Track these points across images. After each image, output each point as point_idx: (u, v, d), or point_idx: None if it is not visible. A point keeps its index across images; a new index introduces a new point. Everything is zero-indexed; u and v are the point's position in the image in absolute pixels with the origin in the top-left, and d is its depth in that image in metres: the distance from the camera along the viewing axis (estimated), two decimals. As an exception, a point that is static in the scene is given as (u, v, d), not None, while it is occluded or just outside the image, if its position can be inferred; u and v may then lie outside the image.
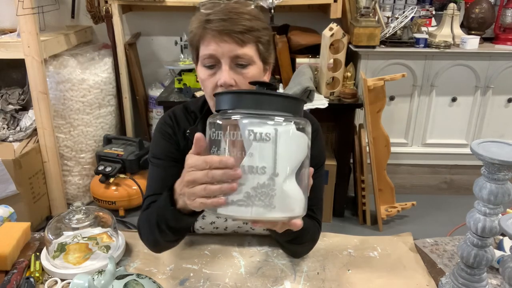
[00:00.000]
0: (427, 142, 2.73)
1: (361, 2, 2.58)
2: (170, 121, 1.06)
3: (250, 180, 0.63)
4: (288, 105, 0.66)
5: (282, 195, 0.64)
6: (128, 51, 2.73)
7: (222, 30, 0.88)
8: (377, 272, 1.01)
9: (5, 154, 2.29)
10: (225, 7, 0.91)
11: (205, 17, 0.90)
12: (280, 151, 0.63)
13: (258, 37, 0.92)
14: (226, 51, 0.89)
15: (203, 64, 0.93)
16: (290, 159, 0.65)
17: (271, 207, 0.63)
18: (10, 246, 1.02)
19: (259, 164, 0.63)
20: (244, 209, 0.63)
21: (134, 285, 0.79)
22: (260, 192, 0.63)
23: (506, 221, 0.74)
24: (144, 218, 0.99)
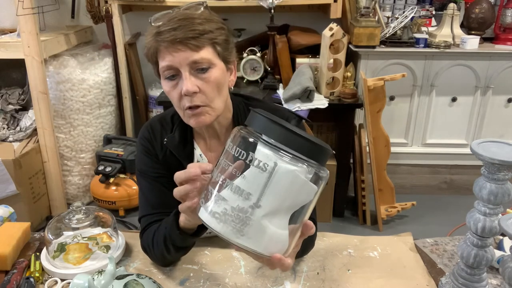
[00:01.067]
0: (427, 142, 2.73)
1: (361, 2, 2.58)
2: (147, 134, 1.06)
3: (232, 200, 0.62)
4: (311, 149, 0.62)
5: (257, 228, 0.62)
6: (128, 51, 2.73)
7: (173, 39, 0.86)
8: (377, 272, 1.01)
9: (5, 154, 2.29)
10: (175, 15, 0.89)
11: (155, 30, 0.89)
12: (272, 186, 0.61)
13: (213, 38, 0.90)
14: (183, 59, 0.88)
15: (164, 77, 0.92)
16: (281, 198, 0.62)
17: (240, 234, 0.62)
18: (10, 246, 1.02)
19: (247, 189, 0.62)
20: (217, 223, 0.63)
21: (134, 285, 0.79)
22: (235, 215, 0.62)
23: (506, 221, 0.74)
24: (149, 240, 1.00)
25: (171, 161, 1.03)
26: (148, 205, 1.04)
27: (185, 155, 1.04)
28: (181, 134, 1.03)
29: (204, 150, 1.07)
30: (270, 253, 0.65)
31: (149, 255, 1.03)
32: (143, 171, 1.06)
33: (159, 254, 0.99)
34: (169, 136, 1.03)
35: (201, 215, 0.67)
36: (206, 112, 0.92)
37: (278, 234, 0.64)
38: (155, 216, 1.02)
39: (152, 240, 0.98)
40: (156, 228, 0.98)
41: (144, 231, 1.03)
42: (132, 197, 2.59)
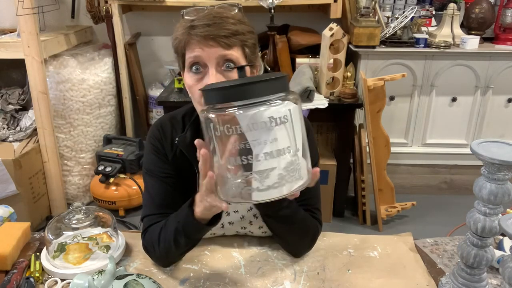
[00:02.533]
0: (427, 142, 2.73)
1: (361, 2, 2.58)
2: (157, 134, 1.06)
3: (280, 163, 0.66)
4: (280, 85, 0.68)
5: (303, 165, 0.69)
6: (128, 51, 2.73)
7: (207, 35, 0.87)
8: (377, 272, 1.01)
9: (5, 154, 2.29)
10: (209, 12, 0.90)
11: (189, 23, 0.90)
12: (295, 127, 0.68)
13: (244, 40, 0.92)
14: (212, 54, 0.88)
15: (190, 69, 0.92)
16: (301, 131, 0.69)
17: (299, 179, 0.68)
18: (10, 246, 1.02)
19: (284, 145, 0.66)
20: (279, 190, 0.67)
21: (134, 285, 0.79)
22: (291, 170, 0.67)
23: (506, 221, 0.74)
24: (154, 238, 1.00)
25: (180, 161, 1.03)
26: (153, 205, 1.04)
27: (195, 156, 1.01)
28: (193, 134, 1.02)
29: None
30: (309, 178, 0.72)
31: (151, 254, 1.03)
32: (151, 170, 1.05)
33: (164, 250, 0.98)
34: (180, 136, 1.02)
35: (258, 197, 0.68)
36: None
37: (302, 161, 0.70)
38: (159, 216, 1.02)
39: (159, 237, 0.98)
40: (163, 225, 0.98)
41: (146, 230, 1.03)
42: (132, 197, 2.59)
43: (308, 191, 1.01)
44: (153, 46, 3.00)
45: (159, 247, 0.99)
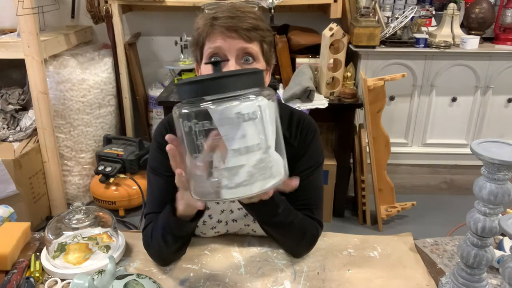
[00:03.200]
0: (427, 142, 2.73)
1: (361, 2, 2.58)
2: (164, 132, 1.06)
3: (249, 160, 0.64)
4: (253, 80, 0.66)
5: (275, 163, 0.67)
6: (128, 51, 2.73)
7: (230, 26, 0.89)
8: (377, 272, 1.01)
9: (5, 154, 2.29)
10: (232, 6, 0.93)
11: (212, 15, 0.92)
12: (266, 124, 0.65)
13: (263, 36, 0.94)
14: (233, 46, 0.90)
15: (208, 60, 0.93)
16: (272, 128, 0.67)
17: (270, 177, 0.66)
18: (10, 246, 1.02)
19: (254, 142, 0.64)
20: (249, 188, 0.65)
21: (134, 285, 0.79)
22: (261, 167, 0.65)
23: (506, 221, 0.74)
24: (148, 235, 1.01)
25: None
26: (155, 203, 1.04)
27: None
28: None
29: None
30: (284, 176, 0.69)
31: (148, 252, 1.04)
32: (155, 168, 1.05)
33: (156, 248, 1.00)
34: None
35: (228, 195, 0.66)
36: None
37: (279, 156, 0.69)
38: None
39: (151, 235, 1.00)
40: (155, 223, 1.00)
41: (146, 228, 1.04)
42: (132, 197, 2.59)
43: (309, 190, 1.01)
44: (153, 46, 3.00)
45: (152, 245, 1.00)
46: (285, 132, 1.03)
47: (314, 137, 1.07)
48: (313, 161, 1.07)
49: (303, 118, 1.08)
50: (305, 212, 1.04)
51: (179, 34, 2.72)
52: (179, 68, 2.68)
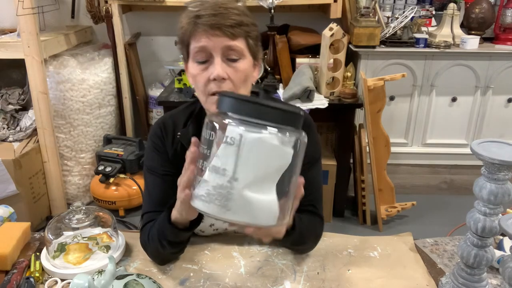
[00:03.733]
0: (427, 142, 2.73)
1: (361, 2, 2.58)
2: (159, 132, 1.08)
3: (212, 180, 0.65)
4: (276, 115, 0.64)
5: (241, 200, 0.64)
6: (128, 51, 2.73)
7: (213, 24, 0.89)
8: (377, 272, 1.01)
9: (5, 154, 2.29)
10: (214, 2, 0.92)
11: (194, 13, 0.91)
12: (243, 157, 0.63)
13: (248, 31, 0.93)
14: (218, 44, 0.90)
15: (195, 60, 0.94)
16: (255, 167, 0.64)
17: (226, 209, 0.65)
18: (10, 246, 1.02)
19: (221, 165, 0.64)
20: (206, 205, 0.66)
21: (134, 285, 0.79)
22: (218, 193, 0.65)
23: (506, 221, 0.74)
24: (146, 236, 1.02)
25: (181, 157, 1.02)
26: (151, 202, 1.06)
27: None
28: (195, 128, 1.04)
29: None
30: (262, 222, 0.67)
31: (147, 251, 1.04)
32: (151, 168, 1.07)
33: (154, 249, 1.01)
34: (182, 130, 1.04)
35: (192, 202, 0.70)
36: None
37: (265, 202, 0.66)
38: (157, 214, 1.03)
39: (148, 236, 1.01)
40: (152, 224, 1.01)
41: (144, 227, 1.05)
42: (132, 197, 2.59)
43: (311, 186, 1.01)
44: (153, 46, 3.00)
45: (149, 246, 1.02)
46: None
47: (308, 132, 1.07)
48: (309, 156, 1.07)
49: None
50: (308, 208, 1.05)
51: (179, 34, 2.71)
52: (179, 68, 2.68)
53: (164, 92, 2.54)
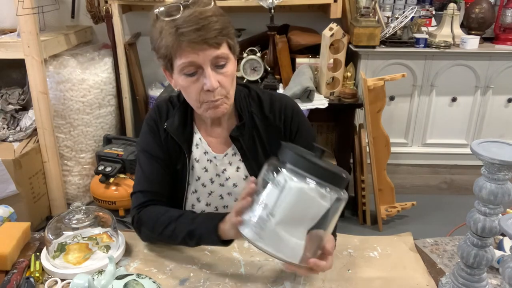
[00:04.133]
0: (427, 142, 2.73)
1: (361, 2, 2.58)
2: (154, 115, 1.12)
3: (256, 210, 0.79)
4: (325, 174, 0.76)
5: (272, 233, 0.76)
6: (128, 51, 2.73)
7: (200, 40, 0.90)
8: (377, 272, 1.01)
9: (5, 154, 2.29)
10: (192, 14, 0.91)
11: (175, 30, 0.91)
12: (282, 199, 0.76)
13: (227, 34, 0.95)
14: (206, 57, 0.93)
15: (183, 73, 0.96)
16: (291, 210, 0.76)
17: (259, 237, 0.77)
18: (10, 246, 1.02)
19: (265, 201, 0.78)
20: (245, 229, 0.79)
21: (134, 285, 0.79)
22: (257, 222, 0.78)
23: (506, 221, 0.74)
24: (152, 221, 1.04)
25: (171, 143, 1.10)
26: (145, 181, 1.10)
27: (184, 138, 1.09)
28: (180, 118, 1.09)
29: (205, 135, 1.12)
30: (285, 258, 0.78)
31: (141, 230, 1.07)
32: (145, 149, 1.11)
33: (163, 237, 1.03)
34: (168, 121, 1.09)
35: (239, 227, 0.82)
36: (224, 102, 1.00)
37: (292, 242, 0.77)
38: (150, 194, 1.08)
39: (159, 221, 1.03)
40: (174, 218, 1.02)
41: (140, 206, 1.08)
42: (132, 197, 2.58)
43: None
44: (153, 46, 3.00)
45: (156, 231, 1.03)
46: (268, 114, 1.09)
47: (294, 111, 1.11)
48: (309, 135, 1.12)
49: (280, 98, 1.13)
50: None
51: (179, 34, 2.71)
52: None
53: (164, 92, 2.54)
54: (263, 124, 1.09)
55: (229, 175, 1.12)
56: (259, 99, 1.11)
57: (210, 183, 1.13)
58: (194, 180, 1.13)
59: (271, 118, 1.09)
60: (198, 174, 1.13)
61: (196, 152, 1.12)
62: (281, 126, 1.10)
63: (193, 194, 1.14)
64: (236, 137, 1.07)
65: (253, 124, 1.09)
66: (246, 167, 1.11)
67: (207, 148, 1.11)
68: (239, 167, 1.12)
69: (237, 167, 1.12)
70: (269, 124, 1.09)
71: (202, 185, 1.13)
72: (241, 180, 1.12)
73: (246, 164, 1.10)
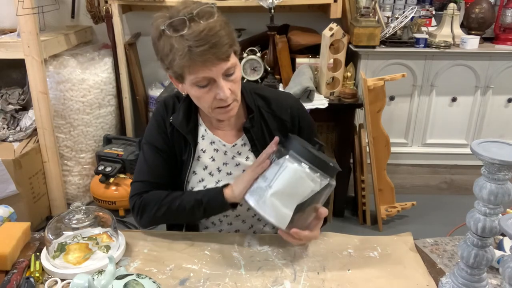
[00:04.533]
0: (427, 142, 2.73)
1: (361, 2, 2.58)
2: (161, 110, 1.18)
3: (259, 182, 0.99)
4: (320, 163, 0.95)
5: (268, 202, 0.95)
6: (128, 51, 2.73)
7: (211, 58, 0.95)
8: (377, 272, 1.02)
9: (5, 154, 2.29)
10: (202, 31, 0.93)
11: (187, 48, 0.93)
12: (280, 175, 0.95)
13: (233, 44, 1.00)
14: (219, 71, 0.98)
15: (196, 85, 1.00)
16: (284, 185, 0.94)
17: (257, 203, 0.96)
18: (10, 246, 1.02)
19: (267, 175, 0.97)
20: (249, 196, 0.99)
21: (134, 285, 0.79)
22: (258, 191, 0.97)
23: (506, 221, 0.74)
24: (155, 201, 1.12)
25: (176, 136, 1.15)
26: (147, 172, 1.16)
27: (188, 130, 1.14)
28: (184, 113, 1.15)
29: (210, 127, 1.17)
30: (275, 223, 0.95)
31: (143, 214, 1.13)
32: (150, 141, 1.17)
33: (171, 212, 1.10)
34: (174, 115, 1.15)
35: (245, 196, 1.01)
36: (234, 106, 1.07)
37: (282, 211, 0.95)
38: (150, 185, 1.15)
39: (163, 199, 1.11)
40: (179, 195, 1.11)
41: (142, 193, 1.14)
42: (132, 197, 2.58)
43: None
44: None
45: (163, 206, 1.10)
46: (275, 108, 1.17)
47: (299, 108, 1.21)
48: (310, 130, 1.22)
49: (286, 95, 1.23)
50: None
51: (179, 34, 2.71)
52: (179, 68, 2.67)
53: (164, 92, 2.54)
54: (271, 116, 1.16)
55: (238, 163, 1.17)
56: (265, 95, 1.18)
57: (217, 172, 1.17)
58: (201, 170, 1.17)
59: (277, 112, 1.17)
60: (205, 163, 1.17)
61: (203, 143, 1.17)
62: (288, 119, 1.17)
63: (200, 183, 1.17)
64: (248, 129, 1.14)
65: (261, 117, 1.16)
66: (255, 156, 1.16)
67: (214, 138, 1.16)
68: (248, 156, 1.17)
69: (247, 157, 1.17)
70: (276, 116, 1.17)
71: (209, 174, 1.17)
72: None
73: (255, 153, 1.16)
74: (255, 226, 1.24)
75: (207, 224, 1.24)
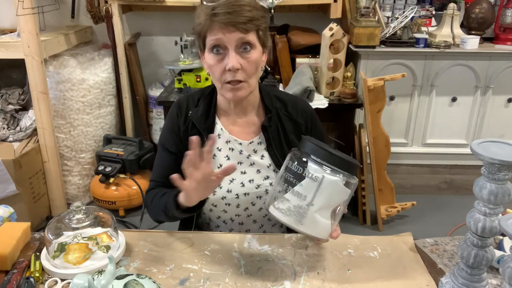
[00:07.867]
0: (427, 142, 2.73)
1: (361, 2, 2.58)
2: (175, 112, 1.22)
3: (293, 200, 0.91)
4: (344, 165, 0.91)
5: (311, 219, 0.91)
6: (128, 51, 2.73)
7: (228, 22, 1.01)
8: (377, 272, 1.01)
9: (5, 154, 2.29)
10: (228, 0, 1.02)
11: (211, 11, 1.02)
12: (320, 191, 0.90)
13: (258, 25, 1.05)
14: (232, 38, 1.02)
15: (211, 51, 1.06)
16: (326, 199, 0.91)
17: (300, 223, 0.91)
18: (10, 246, 1.02)
19: (303, 193, 0.91)
20: (284, 217, 0.92)
21: (134, 285, 0.79)
22: (296, 210, 0.91)
23: (506, 221, 0.74)
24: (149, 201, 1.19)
25: (191, 134, 1.17)
26: (159, 173, 1.22)
27: (205, 126, 1.18)
28: (204, 108, 1.19)
29: (226, 125, 1.19)
30: (320, 236, 0.96)
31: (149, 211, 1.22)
32: (163, 145, 1.22)
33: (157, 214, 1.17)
34: (193, 109, 1.19)
35: (271, 211, 0.95)
36: (244, 87, 1.08)
37: (324, 223, 0.94)
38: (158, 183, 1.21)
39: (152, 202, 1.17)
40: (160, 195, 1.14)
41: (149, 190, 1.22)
42: (132, 197, 2.59)
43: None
44: (153, 46, 3.00)
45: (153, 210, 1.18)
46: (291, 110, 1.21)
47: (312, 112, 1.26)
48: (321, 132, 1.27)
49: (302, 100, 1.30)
50: None
51: (179, 34, 2.71)
52: (179, 68, 2.67)
53: (164, 92, 2.54)
54: (287, 118, 1.21)
55: (253, 162, 1.18)
56: (283, 98, 1.23)
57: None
58: (215, 168, 1.18)
59: (294, 115, 1.21)
60: (220, 161, 1.19)
61: (218, 142, 1.19)
62: (303, 122, 1.22)
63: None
64: (266, 127, 1.18)
65: (278, 118, 1.20)
66: (270, 155, 1.18)
67: (230, 137, 1.18)
68: (264, 155, 1.19)
69: (262, 155, 1.19)
70: (292, 119, 1.21)
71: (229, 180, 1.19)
72: (265, 168, 1.19)
73: (270, 153, 1.19)
74: (265, 226, 1.26)
75: (218, 223, 1.26)
